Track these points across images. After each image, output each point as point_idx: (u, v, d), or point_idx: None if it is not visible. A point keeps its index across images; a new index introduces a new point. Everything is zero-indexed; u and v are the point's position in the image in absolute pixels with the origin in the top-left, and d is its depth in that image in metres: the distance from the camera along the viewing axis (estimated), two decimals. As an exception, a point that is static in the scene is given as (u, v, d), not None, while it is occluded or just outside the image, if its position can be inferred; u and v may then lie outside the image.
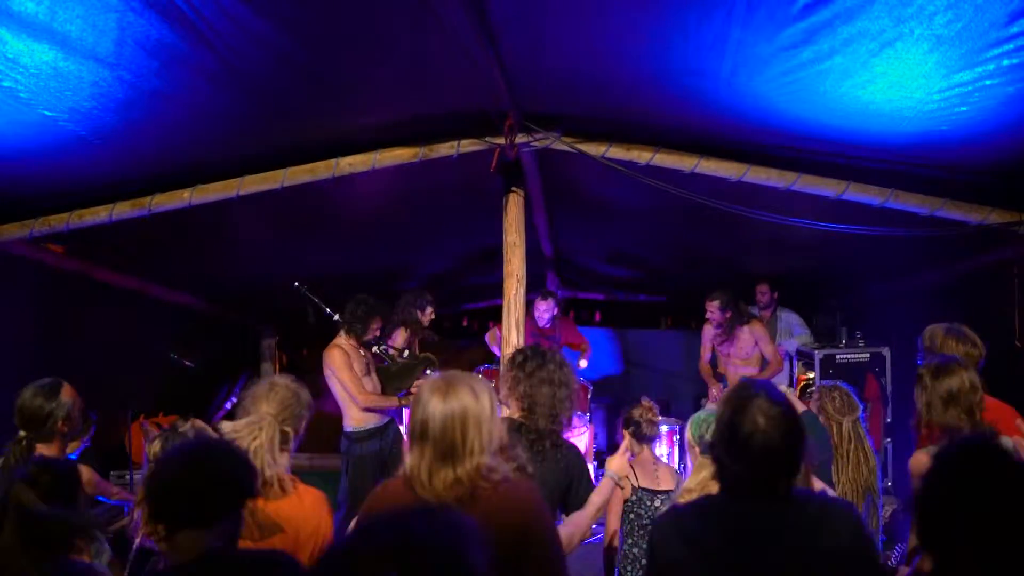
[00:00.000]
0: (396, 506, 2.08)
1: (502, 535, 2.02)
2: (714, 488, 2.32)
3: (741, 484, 1.97)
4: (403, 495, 2.18)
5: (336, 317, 5.55)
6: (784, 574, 1.90)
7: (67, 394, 3.37)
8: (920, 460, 2.92)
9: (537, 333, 7.05)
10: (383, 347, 5.61)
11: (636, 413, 3.87)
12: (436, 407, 2.15)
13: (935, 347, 3.61)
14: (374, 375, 5.60)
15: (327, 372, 5.38)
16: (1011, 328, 4.64)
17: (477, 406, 2.17)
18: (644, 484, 3.72)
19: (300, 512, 2.47)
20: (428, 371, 5.63)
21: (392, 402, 5.46)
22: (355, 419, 5.40)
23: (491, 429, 2.19)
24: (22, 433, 3.30)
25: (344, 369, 5.27)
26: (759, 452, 1.91)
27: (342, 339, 5.46)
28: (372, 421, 5.46)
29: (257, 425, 2.52)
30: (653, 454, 3.92)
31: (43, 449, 3.29)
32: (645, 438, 3.85)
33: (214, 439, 2.20)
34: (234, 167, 4.57)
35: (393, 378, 5.68)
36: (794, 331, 7.41)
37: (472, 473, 2.14)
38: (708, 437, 2.53)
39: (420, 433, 2.17)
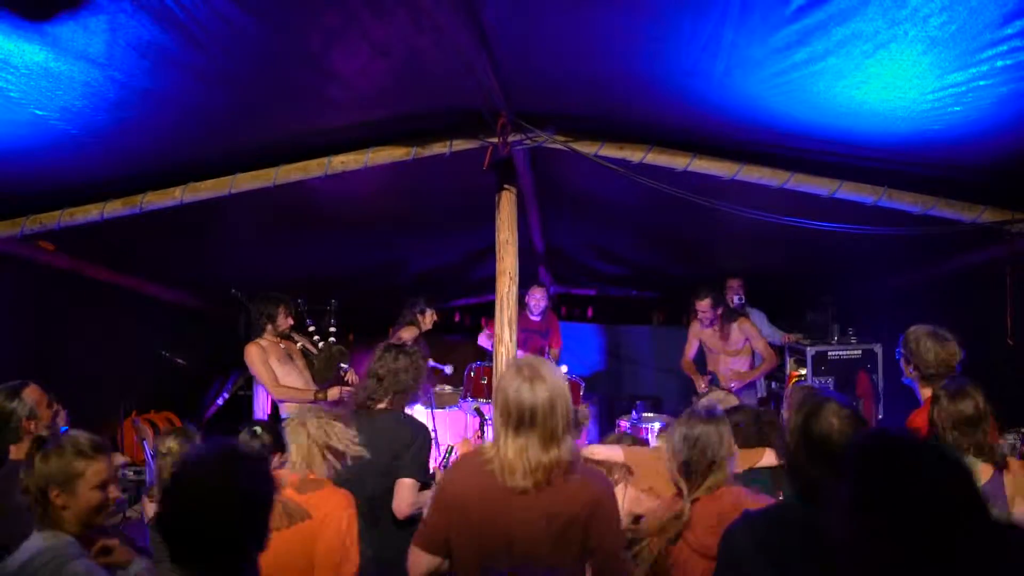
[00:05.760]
0: (485, 493, 2.21)
1: (577, 514, 2.19)
2: None
3: (816, 487, 2.00)
4: (488, 482, 2.22)
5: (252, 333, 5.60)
6: None
7: (31, 393, 3.36)
8: None
9: (528, 329, 7.04)
10: (300, 344, 5.74)
11: None
12: (536, 393, 2.17)
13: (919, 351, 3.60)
14: (298, 362, 5.68)
15: (249, 368, 5.50)
16: (1003, 326, 4.65)
17: (564, 388, 2.24)
18: None
19: (328, 504, 2.74)
20: (342, 364, 5.75)
21: (306, 395, 5.44)
22: (284, 407, 5.55)
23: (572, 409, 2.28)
24: None
25: (258, 364, 5.39)
26: (837, 451, 1.96)
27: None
28: (294, 409, 5.54)
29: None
30: None
31: (14, 450, 3.30)
32: None
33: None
34: (226, 165, 4.55)
35: (318, 373, 5.79)
36: (762, 330, 7.33)
37: (567, 453, 2.23)
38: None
39: (518, 420, 2.20)
